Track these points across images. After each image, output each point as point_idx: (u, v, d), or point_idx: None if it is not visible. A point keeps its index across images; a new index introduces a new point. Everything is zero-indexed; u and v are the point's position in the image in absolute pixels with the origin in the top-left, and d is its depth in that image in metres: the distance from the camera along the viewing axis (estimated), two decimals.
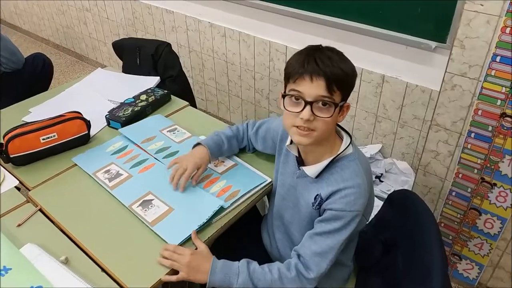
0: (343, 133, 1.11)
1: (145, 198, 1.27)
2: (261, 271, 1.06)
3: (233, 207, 1.25)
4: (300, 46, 1.07)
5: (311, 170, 1.09)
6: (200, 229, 1.18)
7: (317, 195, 1.07)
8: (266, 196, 1.41)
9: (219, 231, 1.20)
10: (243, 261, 1.08)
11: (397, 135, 2.04)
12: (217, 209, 1.21)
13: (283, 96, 1.02)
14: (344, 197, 1.02)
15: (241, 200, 1.27)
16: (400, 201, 1.27)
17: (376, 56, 1.95)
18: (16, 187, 1.38)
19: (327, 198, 1.05)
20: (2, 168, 1.43)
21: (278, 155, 1.27)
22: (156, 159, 1.43)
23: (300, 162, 1.15)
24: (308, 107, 0.97)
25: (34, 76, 2.18)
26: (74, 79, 1.99)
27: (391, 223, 1.27)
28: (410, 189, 1.96)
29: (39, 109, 1.74)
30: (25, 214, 1.26)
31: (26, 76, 2.15)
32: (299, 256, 1.07)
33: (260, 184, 1.32)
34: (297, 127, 1.01)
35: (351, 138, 1.10)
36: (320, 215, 1.08)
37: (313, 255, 1.04)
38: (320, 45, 1.03)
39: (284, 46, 2.28)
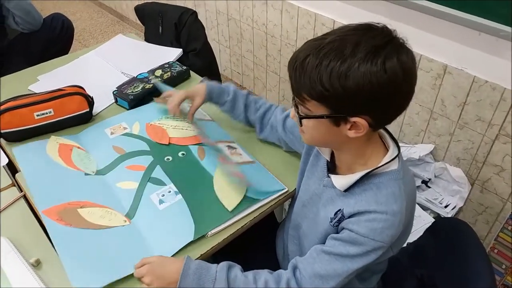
0: (390, 142, 0.89)
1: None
2: (244, 280, 0.88)
3: (240, 216, 1.05)
4: (348, 22, 0.81)
5: (340, 181, 0.89)
6: (193, 243, 0.99)
7: (339, 210, 0.88)
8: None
9: (215, 247, 1.00)
10: (223, 265, 0.90)
11: (454, 137, 1.74)
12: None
13: None
14: (371, 221, 0.83)
15: (248, 211, 1.06)
16: (446, 232, 1.05)
17: (439, 41, 1.63)
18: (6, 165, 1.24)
19: (350, 216, 0.86)
20: None
21: (306, 155, 1.07)
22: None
23: (332, 168, 0.95)
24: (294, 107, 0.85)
25: (52, 38, 2.05)
26: (101, 43, 1.83)
27: (432, 258, 1.06)
28: (462, 202, 1.69)
29: (48, 77, 1.60)
30: (8, 200, 1.12)
31: (43, 38, 2.02)
32: (295, 269, 0.90)
33: (275, 192, 1.11)
34: None
35: (399, 151, 0.87)
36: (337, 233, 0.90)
37: (313, 276, 0.87)
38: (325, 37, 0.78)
39: (331, 20, 2.00)
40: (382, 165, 0.84)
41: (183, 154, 1.23)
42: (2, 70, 1.77)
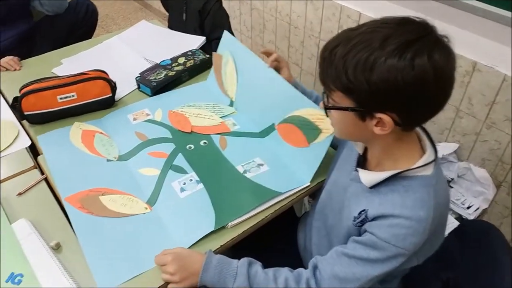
0: (428, 147, 0.84)
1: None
2: (264, 277, 0.88)
3: (261, 208, 1.04)
4: (375, 15, 0.78)
5: (367, 177, 0.86)
6: (213, 234, 0.98)
7: (363, 211, 0.85)
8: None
9: (235, 239, 0.99)
10: (244, 261, 0.90)
11: (480, 137, 1.68)
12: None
13: None
14: (393, 226, 0.79)
15: (269, 203, 1.05)
16: (474, 235, 1.02)
17: (469, 37, 1.57)
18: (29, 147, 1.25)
19: (373, 219, 0.83)
20: (17, 123, 1.30)
21: (341, 146, 1.05)
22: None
23: (362, 163, 0.92)
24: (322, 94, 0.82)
25: (76, 22, 2.05)
26: (123, 29, 1.83)
27: (458, 261, 1.02)
28: (486, 204, 1.64)
29: (71, 61, 1.60)
30: (29, 182, 1.12)
31: (68, 21, 2.02)
32: (315, 269, 0.89)
33: (298, 186, 1.09)
34: None
35: (436, 156, 0.83)
36: (359, 235, 0.87)
37: (332, 277, 0.85)
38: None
39: (357, 12, 1.95)
40: (414, 168, 0.80)
41: (205, 143, 1.22)
42: (27, 52, 1.78)
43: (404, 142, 0.82)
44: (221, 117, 1.31)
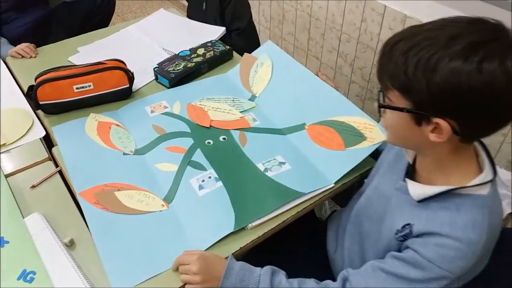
0: (486, 164, 0.76)
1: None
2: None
3: (283, 209, 0.99)
4: (402, 8, 0.72)
5: (417, 189, 0.79)
6: (232, 234, 0.94)
7: (408, 225, 0.79)
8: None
9: (255, 241, 0.95)
10: (267, 269, 0.86)
11: (507, 137, 1.61)
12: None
13: None
14: (441, 246, 0.73)
15: (291, 205, 1.00)
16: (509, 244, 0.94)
17: None
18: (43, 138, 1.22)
19: (418, 236, 0.77)
20: (32, 113, 1.27)
21: (387, 151, 0.99)
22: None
23: (411, 173, 0.86)
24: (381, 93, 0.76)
25: (93, 9, 2.01)
26: (139, 17, 1.78)
27: (494, 272, 0.94)
28: (509, 208, 1.57)
29: (87, 49, 1.56)
30: (43, 174, 1.09)
31: (84, 8, 1.99)
32: (345, 281, 0.84)
33: (321, 187, 1.04)
34: None
35: (494, 176, 0.75)
36: (399, 250, 0.82)
37: None
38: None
39: (382, 5, 1.87)
40: (470, 186, 0.73)
41: (224, 138, 1.17)
42: (42, 39, 1.75)
43: (460, 155, 0.75)
44: (240, 111, 1.26)
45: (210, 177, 1.06)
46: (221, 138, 1.17)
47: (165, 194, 1.02)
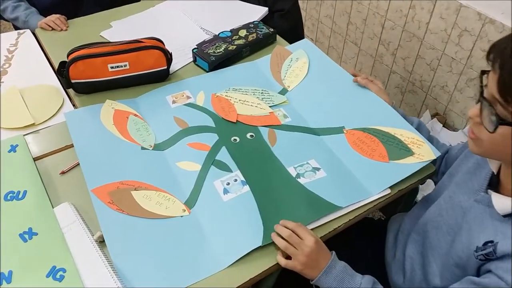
0: None
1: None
2: None
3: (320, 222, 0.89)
4: None
5: (504, 202, 0.71)
6: (260, 248, 0.84)
7: (491, 242, 0.70)
8: None
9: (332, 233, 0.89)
10: (369, 279, 0.82)
11: None
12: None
13: None
14: None
15: (328, 218, 0.90)
16: None
17: None
18: None
19: (503, 257, 0.68)
20: (62, 91, 1.19)
21: (465, 158, 0.90)
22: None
23: (494, 184, 0.77)
24: (478, 104, 0.68)
25: None
26: None
27: None
28: None
29: (121, 24, 1.46)
30: (74, 159, 1.01)
31: None
32: None
33: (356, 202, 0.93)
34: None
35: None
36: (477, 272, 0.73)
37: None
38: None
39: None
40: None
41: (251, 136, 1.07)
42: (73, 11, 1.65)
43: None
44: (270, 106, 1.15)
45: (236, 180, 0.95)
46: (248, 136, 1.06)
47: (187, 198, 0.92)
